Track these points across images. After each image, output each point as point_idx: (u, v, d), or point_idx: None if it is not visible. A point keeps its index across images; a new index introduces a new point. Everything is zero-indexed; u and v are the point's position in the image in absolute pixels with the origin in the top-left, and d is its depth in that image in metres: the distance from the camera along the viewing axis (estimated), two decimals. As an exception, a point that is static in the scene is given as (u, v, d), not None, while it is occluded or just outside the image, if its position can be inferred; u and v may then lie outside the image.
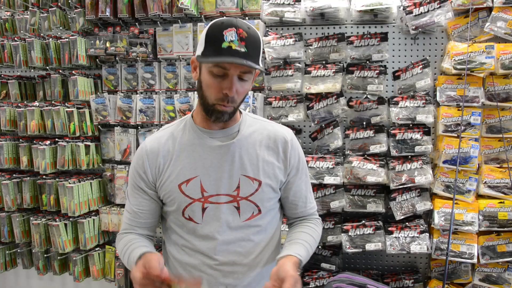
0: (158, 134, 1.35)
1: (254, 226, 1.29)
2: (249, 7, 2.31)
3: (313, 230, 1.39)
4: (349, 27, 2.29)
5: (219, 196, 1.26)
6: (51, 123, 2.60)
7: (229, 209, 1.26)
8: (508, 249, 2.08)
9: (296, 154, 1.36)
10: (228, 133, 1.29)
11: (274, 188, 1.31)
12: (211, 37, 1.13)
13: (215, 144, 1.27)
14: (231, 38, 1.10)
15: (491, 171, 2.13)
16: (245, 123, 1.33)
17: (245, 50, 1.11)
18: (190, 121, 1.32)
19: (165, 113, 2.47)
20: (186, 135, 1.30)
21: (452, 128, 2.11)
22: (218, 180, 1.26)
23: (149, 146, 1.30)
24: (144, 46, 2.46)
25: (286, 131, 1.37)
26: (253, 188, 1.27)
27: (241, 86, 1.18)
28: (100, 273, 2.65)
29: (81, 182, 2.52)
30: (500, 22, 2.07)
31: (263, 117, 1.44)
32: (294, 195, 1.38)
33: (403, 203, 2.16)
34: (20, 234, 2.72)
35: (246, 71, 1.16)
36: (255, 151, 1.29)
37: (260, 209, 1.29)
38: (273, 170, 1.30)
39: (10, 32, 2.80)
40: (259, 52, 1.18)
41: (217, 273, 1.27)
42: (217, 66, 1.13)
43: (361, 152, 2.19)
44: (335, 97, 2.22)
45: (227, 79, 1.14)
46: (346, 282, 2.04)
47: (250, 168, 1.27)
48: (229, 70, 1.13)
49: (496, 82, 2.11)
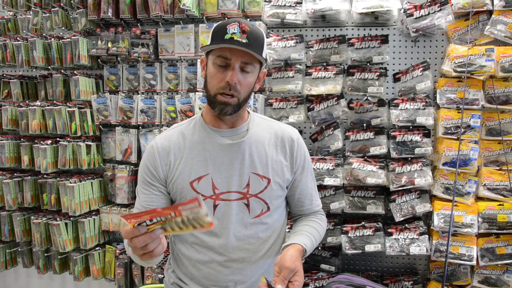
0: (168, 132, 1.37)
1: (262, 223, 1.31)
2: (251, 9, 2.32)
3: (318, 224, 1.41)
4: (350, 29, 2.30)
5: (230, 193, 1.28)
6: (52, 123, 2.61)
7: (239, 206, 1.29)
8: (507, 251, 2.09)
9: (302, 153, 1.39)
10: (237, 132, 1.32)
11: (282, 186, 1.34)
12: (216, 32, 1.21)
13: (226, 142, 1.29)
14: (233, 30, 1.17)
15: (490, 173, 2.14)
16: (253, 122, 1.36)
17: (246, 41, 1.16)
18: (200, 120, 1.35)
19: (166, 114, 2.48)
20: (196, 133, 1.32)
21: (452, 131, 2.12)
22: (229, 177, 1.28)
23: (160, 144, 1.32)
24: (145, 46, 2.47)
25: (292, 131, 1.41)
26: (262, 185, 1.30)
27: (243, 78, 1.21)
28: (100, 273, 2.66)
29: (82, 182, 2.53)
30: (500, 25, 2.08)
31: (269, 117, 1.47)
32: (300, 193, 1.41)
33: (402, 204, 2.17)
34: (20, 233, 2.73)
35: (247, 61, 1.20)
36: (264, 149, 1.32)
37: (269, 206, 1.31)
38: (281, 168, 1.33)
39: (13, 32, 2.81)
40: (261, 46, 1.22)
41: (227, 270, 1.28)
42: (220, 57, 1.19)
43: (361, 154, 2.20)
44: (336, 99, 2.23)
45: (229, 69, 1.19)
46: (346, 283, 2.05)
47: (260, 166, 1.30)
48: (231, 60, 1.18)
49: (496, 85, 2.11)
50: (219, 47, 1.19)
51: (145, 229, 0.95)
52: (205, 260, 1.29)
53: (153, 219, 0.94)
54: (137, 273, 2.55)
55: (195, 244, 1.31)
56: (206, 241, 1.29)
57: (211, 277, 1.29)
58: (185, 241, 1.33)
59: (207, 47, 1.21)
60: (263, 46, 1.22)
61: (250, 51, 1.16)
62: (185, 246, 1.33)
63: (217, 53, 1.20)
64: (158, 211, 0.93)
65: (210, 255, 1.29)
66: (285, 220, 1.44)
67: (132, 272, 2.57)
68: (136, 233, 0.93)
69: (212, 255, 1.29)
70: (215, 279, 1.29)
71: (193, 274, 1.31)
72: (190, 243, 1.32)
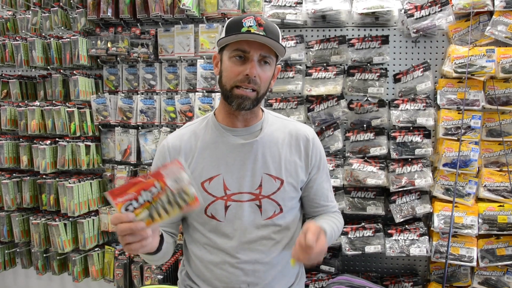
0: (180, 131, 1.35)
1: (275, 225, 1.28)
2: (251, 9, 2.32)
3: (336, 219, 1.38)
4: (350, 30, 2.29)
5: (242, 194, 1.26)
6: (51, 123, 2.60)
7: (251, 207, 1.26)
8: (507, 252, 2.09)
9: (317, 153, 1.35)
10: (251, 131, 1.30)
11: (295, 187, 1.31)
12: (231, 26, 1.19)
13: (238, 142, 1.27)
14: (250, 23, 1.15)
15: (491, 174, 2.13)
16: (267, 121, 1.33)
17: (263, 33, 1.15)
18: (213, 119, 1.32)
19: (165, 114, 2.48)
20: (208, 133, 1.30)
21: (452, 131, 2.12)
22: (241, 178, 1.26)
23: (171, 143, 1.31)
24: (145, 46, 2.46)
25: (308, 130, 1.37)
26: (275, 186, 1.27)
27: (262, 71, 1.19)
28: (99, 273, 2.65)
29: (81, 182, 2.52)
30: (500, 26, 2.08)
31: (283, 115, 1.44)
32: (315, 194, 1.37)
33: (403, 205, 2.17)
34: (19, 234, 2.72)
35: (266, 54, 1.18)
36: (278, 149, 1.29)
37: (282, 208, 1.28)
38: (295, 169, 1.30)
39: (12, 31, 2.80)
40: (278, 38, 1.20)
41: (239, 271, 1.26)
42: (237, 50, 1.17)
43: (361, 155, 2.20)
44: (336, 99, 2.22)
45: (247, 62, 1.17)
46: (346, 284, 2.05)
47: (273, 166, 1.27)
48: (249, 52, 1.17)
49: (496, 85, 2.11)
50: (236, 41, 1.16)
51: (132, 215, 0.97)
52: (217, 261, 1.27)
53: (138, 198, 0.96)
54: (136, 274, 2.54)
55: (207, 245, 1.29)
56: (217, 242, 1.27)
57: (224, 279, 1.27)
58: (197, 241, 1.32)
59: (225, 40, 1.18)
60: (279, 39, 1.21)
61: (271, 40, 1.14)
62: (198, 247, 1.31)
63: (234, 47, 1.17)
64: (141, 181, 0.96)
65: (222, 256, 1.27)
66: (299, 222, 1.40)
67: (131, 273, 2.56)
68: (123, 219, 0.96)
69: (224, 256, 1.27)
70: (228, 281, 1.27)
71: (206, 276, 1.30)
72: (202, 244, 1.30)
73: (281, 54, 1.23)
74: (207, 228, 1.28)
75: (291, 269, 1.35)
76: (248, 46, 1.16)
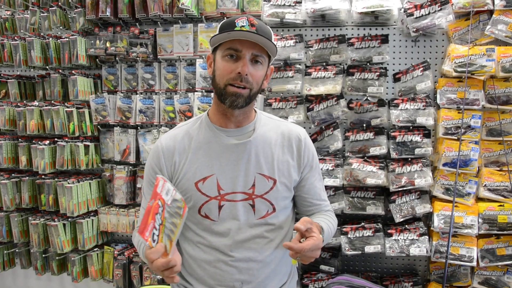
0: (173, 132, 1.36)
1: (268, 224, 1.30)
2: (250, 8, 2.31)
3: (330, 217, 1.40)
4: (349, 29, 2.29)
5: (235, 194, 1.27)
6: (50, 123, 2.59)
7: (245, 206, 1.28)
8: (507, 252, 2.08)
9: (309, 153, 1.38)
10: (244, 131, 1.31)
11: (288, 186, 1.33)
12: (224, 26, 1.22)
13: (232, 142, 1.28)
14: (243, 23, 1.18)
15: (491, 174, 2.13)
16: (260, 122, 1.35)
17: (256, 32, 1.17)
18: (206, 119, 1.34)
19: (165, 114, 2.47)
20: (202, 133, 1.31)
21: (452, 131, 2.11)
22: (234, 178, 1.27)
23: (165, 143, 1.32)
24: (144, 46, 2.46)
25: (300, 130, 1.39)
26: (268, 186, 1.29)
27: (254, 69, 1.22)
28: (99, 274, 2.64)
29: (80, 182, 2.51)
30: (501, 25, 2.07)
31: (276, 116, 1.47)
32: (307, 193, 1.39)
33: (402, 205, 2.16)
34: (18, 234, 2.71)
35: (258, 53, 1.20)
36: (271, 149, 1.31)
37: (275, 207, 1.30)
38: (288, 169, 1.32)
39: (10, 31, 2.80)
40: (270, 38, 1.22)
41: (233, 270, 1.27)
42: (230, 49, 1.19)
43: (361, 154, 2.19)
44: (335, 99, 2.22)
45: (240, 60, 1.19)
46: (345, 284, 2.04)
47: (266, 166, 1.29)
48: (241, 51, 1.19)
49: (496, 85, 2.11)
50: (228, 40, 1.19)
51: (161, 246, 0.99)
52: (211, 259, 1.28)
53: (156, 225, 1.00)
54: (135, 274, 2.54)
55: (200, 243, 1.30)
56: (211, 240, 1.28)
57: (217, 277, 1.28)
58: (190, 240, 1.33)
59: (217, 38, 1.20)
60: (271, 38, 1.23)
61: (263, 38, 1.17)
62: (191, 245, 1.32)
63: (227, 46, 1.20)
64: (150, 207, 1.00)
65: (216, 254, 1.28)
66: (292, 221, 1.42)
67: (130, 273, 2.56)
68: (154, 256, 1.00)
69: (218, 254, 1.28)
70: (221, 279, 1.28)
71: (199, 274, 1.30)
72: (196, 242, 1.31)
73: (273, 54, 1.25)
74: (200, 227, 1.29)
75: (284, 268, 1.36)
76: (240, 45, 1.18)
